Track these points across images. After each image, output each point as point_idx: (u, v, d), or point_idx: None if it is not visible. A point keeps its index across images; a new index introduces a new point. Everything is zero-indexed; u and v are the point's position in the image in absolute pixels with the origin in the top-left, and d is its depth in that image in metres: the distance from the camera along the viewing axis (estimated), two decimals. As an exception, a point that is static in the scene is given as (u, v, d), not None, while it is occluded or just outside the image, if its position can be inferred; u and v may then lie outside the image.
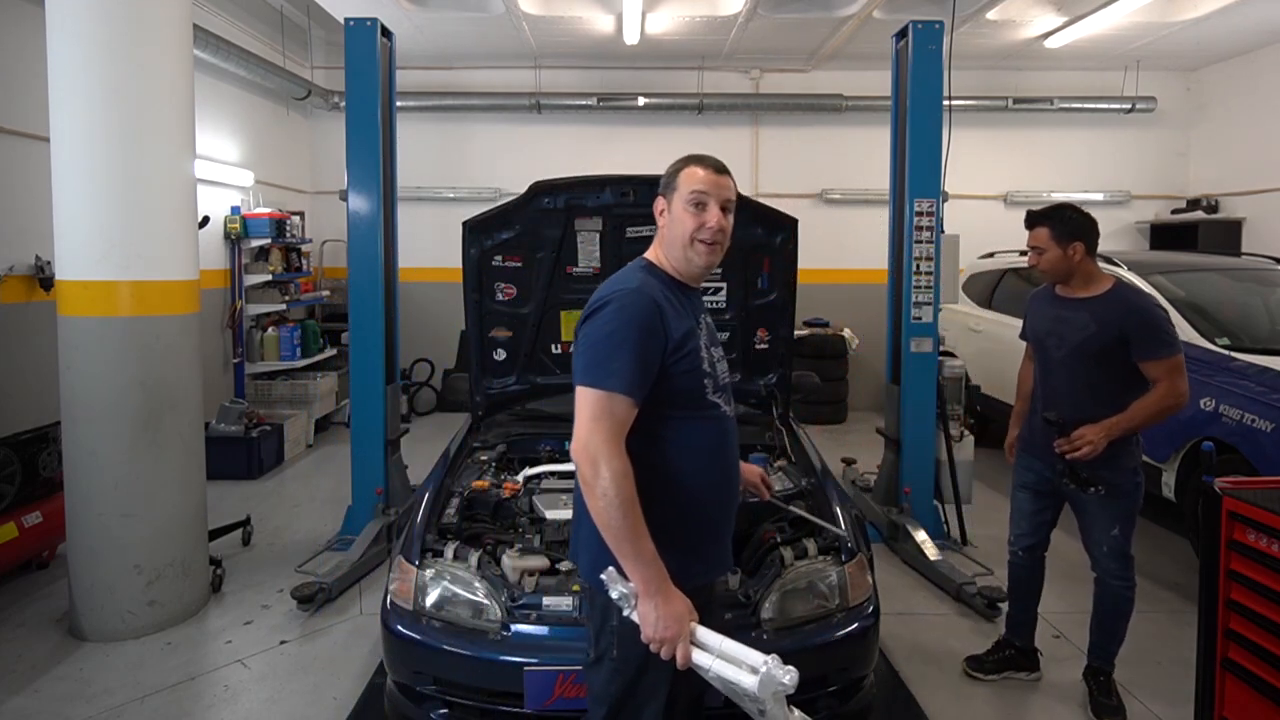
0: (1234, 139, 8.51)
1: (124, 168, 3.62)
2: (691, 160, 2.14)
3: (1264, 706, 2.24)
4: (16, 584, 4.26)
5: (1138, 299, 2.98)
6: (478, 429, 3.89)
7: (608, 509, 1.71)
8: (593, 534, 1.79)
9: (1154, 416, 2.87)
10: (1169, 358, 2.83)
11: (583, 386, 1.80)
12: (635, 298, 1.84)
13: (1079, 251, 2.97)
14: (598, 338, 1.82)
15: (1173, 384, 2.83)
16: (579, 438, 1.77)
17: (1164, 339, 2.85)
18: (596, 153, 8.63)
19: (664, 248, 2.03)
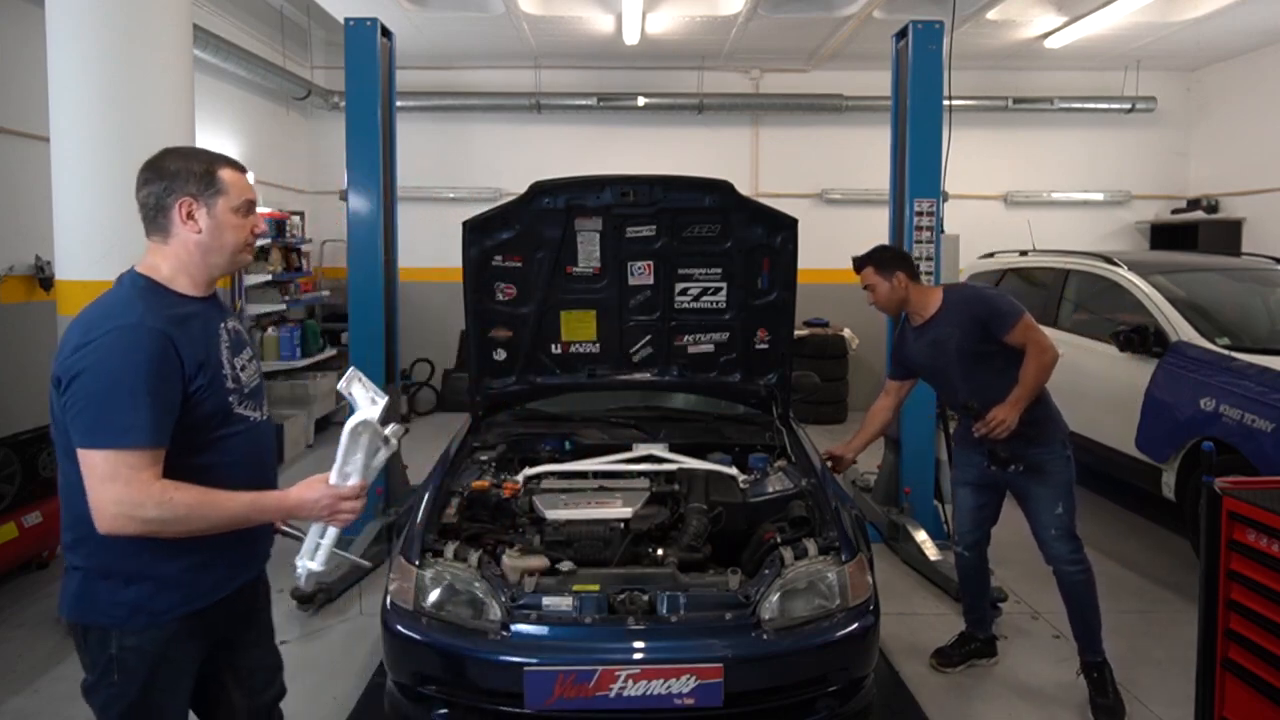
0: (1234, 139, 8.51)
1: (124, 168, 3.58)
2: (226, 162, 1.97)
3: (1264, 706, 2.24)
4: (16, 584, 4.26)
5: (970, 291, 3.37)
6: (478, 429, 3.89)
7: (192, 529, 1.69)
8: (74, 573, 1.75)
9: (1039, 375, 3.05)
10: (1017, 321, 3.05)
11: (92, 450, 1.62)
12: (141, 335, 1.65)
13: (903, 280, 3.27)
14: (98, 389, 1.62)
15: (1034, 341, 3.05)
16: (102, 510, 1.63)
17: (1006, 309, 3.10)
18: (596, 153, 8.63)
19: (191, 255, 1.83)
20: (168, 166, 1.93)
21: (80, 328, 1.70)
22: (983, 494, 3.46)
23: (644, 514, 2.96)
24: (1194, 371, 4.42)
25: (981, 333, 3.11)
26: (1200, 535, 2.45)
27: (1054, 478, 3.15)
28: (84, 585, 1.76)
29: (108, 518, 1.65)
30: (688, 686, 2.34)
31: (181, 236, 1.84)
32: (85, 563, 1.77)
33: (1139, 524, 5.30)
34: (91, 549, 1.74)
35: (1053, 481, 3.15)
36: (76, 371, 1.64)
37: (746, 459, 3.53)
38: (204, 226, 1.84)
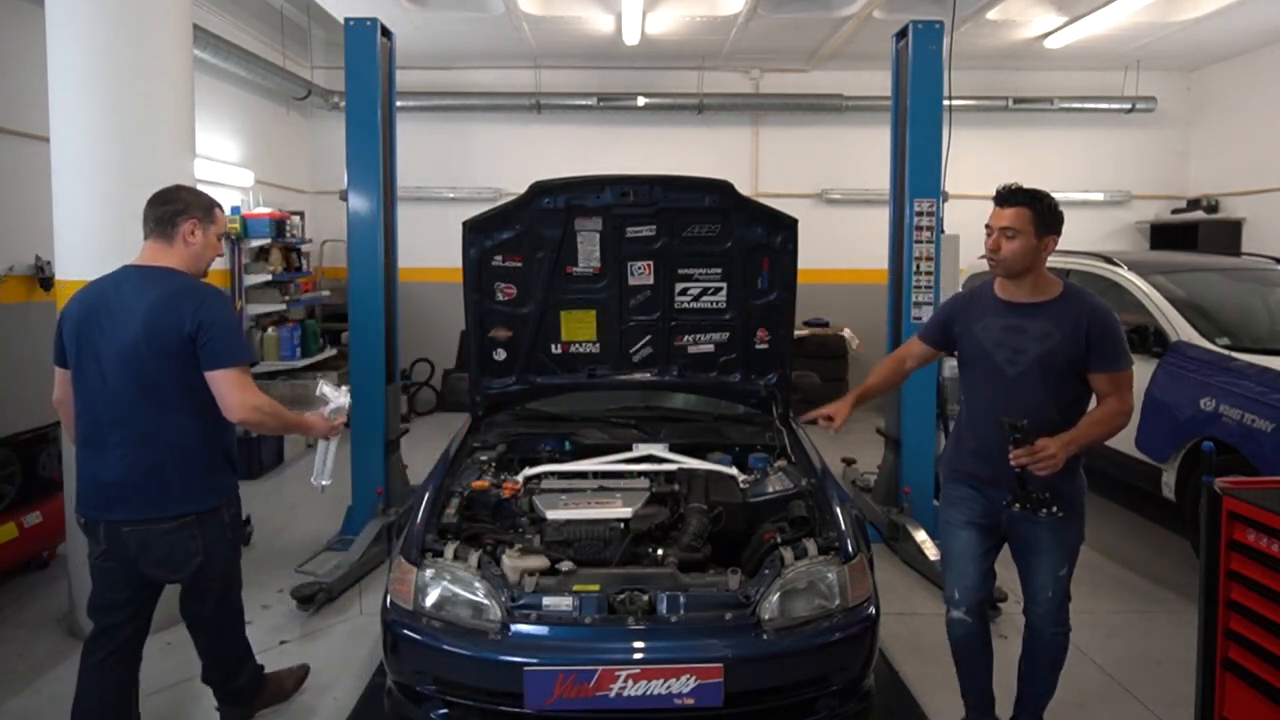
0: (1234, 139, 8.51)
1: (124, 168, 3.62)
2: (218, 205, 2.87)
3: (1264, 707, 2.24)
4: (16, 584, 4.26)
5: (1097, 301, 2.70)
6: (478, 429, 3.89)
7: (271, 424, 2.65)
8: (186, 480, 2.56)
9: (1103, 435, 2.60)
10: (1125, 369, 2.59)
11: (230, 368, 2.52)
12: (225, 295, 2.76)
13: (1050, 247, 2.72)
14: (227, 329, 2.57)
15: (1123, 399, 2.59)
16: (239, 406, 2.51)
17: (1124, 349, 2.62)
18: (596, 153, 8.63)
19: (185, 259, 2.73)
20: (183, 196, 2.73)
21: (185, 293, 2.59)
22: (988, 538, 2.90)
23: (644, 514, 2.96)
24: (1194, 371, 4.42)
25: (1085, 353, 2.59)
26: (1200, 535, 2.45)
27: (1069, 536, 2.73)
28: (205, 481, 2.61)
29: (243, 409, 2.53)
30: (688, 686, 2.35)
31: (181, 245, 2.70)
32: (201, 466, 2.60)
33: (1139, 524, 5.30)
34: (205, 455, 2.60)
35: (1067, 540, 2.74)
36: (211, 320, 2.52)
37: (746, 459, 3.53)
38: (199, 242, 2.74)
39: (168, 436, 2.52)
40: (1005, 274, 2.74)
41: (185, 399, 2.53)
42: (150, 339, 2.47)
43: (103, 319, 2.54)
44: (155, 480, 2.52)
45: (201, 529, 2.58)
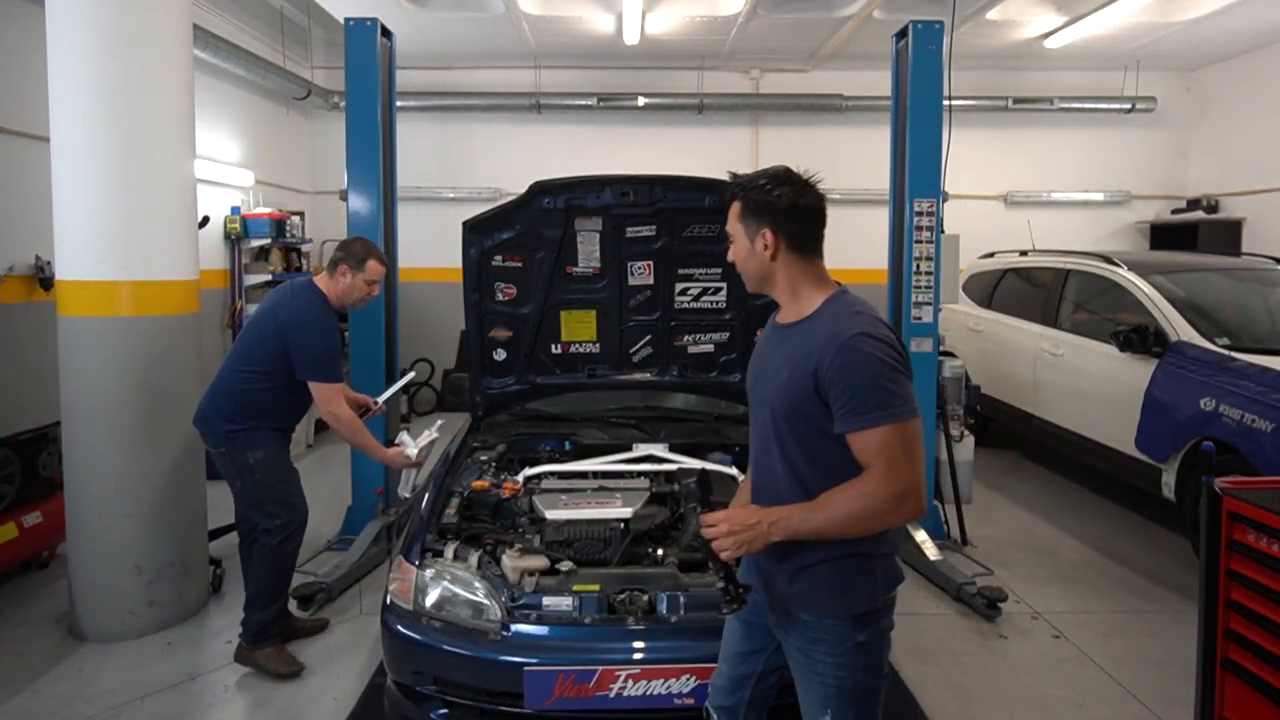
0: (1234, 139, 8.51)
1: (124, 168, 3.62)
2: (376, 255, 3.49)
3: (1264, 707, 2.24)
4: (16, 584, 4.26)
5: (847, 324, 1.75)
6: (478, 429, 3.90)
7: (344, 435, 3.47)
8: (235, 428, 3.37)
9: (844, 519, 1.71)
10: (877, 425, 1.67)
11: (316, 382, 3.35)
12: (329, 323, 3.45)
13: (769, 244, 1.84)
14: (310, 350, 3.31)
15: (881, 477, 1.68)
16: (325, 410, 3.35)
17: (872, 396, 1.68)
18: (596, 153, 8.62)
19: (336, 295, 3.46)
20: (350, 246, 3.51)
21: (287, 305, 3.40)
22: (752, 638, 2.02)
23: (644, 514, 2.96)
24: (1194, 371, 4.42)
25: (816, 401, 1.75)
26: (1200, 535, 2.45)
27: (823, 669, 1.82)
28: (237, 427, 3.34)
29: (323, 413, 3.36)
30: (687, 686, 2.35)
31: (334, 280, 3.46)
32: (237, 416, 3.34)
33: (1139, 524, 5.30)
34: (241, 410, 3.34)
35: (821, 672, 1.83)
36: (297, 344, 3.31)
37: (746, 459, 3.53)
38: (348, 282, 3.46)
39: (223, 386, 3.38)
40: (751, 289, 2.00)
41: (249, 366, 3.34)
42: (252, 322, 3.47)
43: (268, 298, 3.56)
44: (208, 417, 3.39)
45: (231, 460, 3.36)
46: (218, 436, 3.36)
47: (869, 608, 1.81)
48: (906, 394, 1.71)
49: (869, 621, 1.82)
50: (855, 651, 1.81)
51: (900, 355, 1.74)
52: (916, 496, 1.70)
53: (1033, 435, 6.09)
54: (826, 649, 1.82)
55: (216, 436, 3.37)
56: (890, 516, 1.72)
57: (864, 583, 1.81)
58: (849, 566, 1.80)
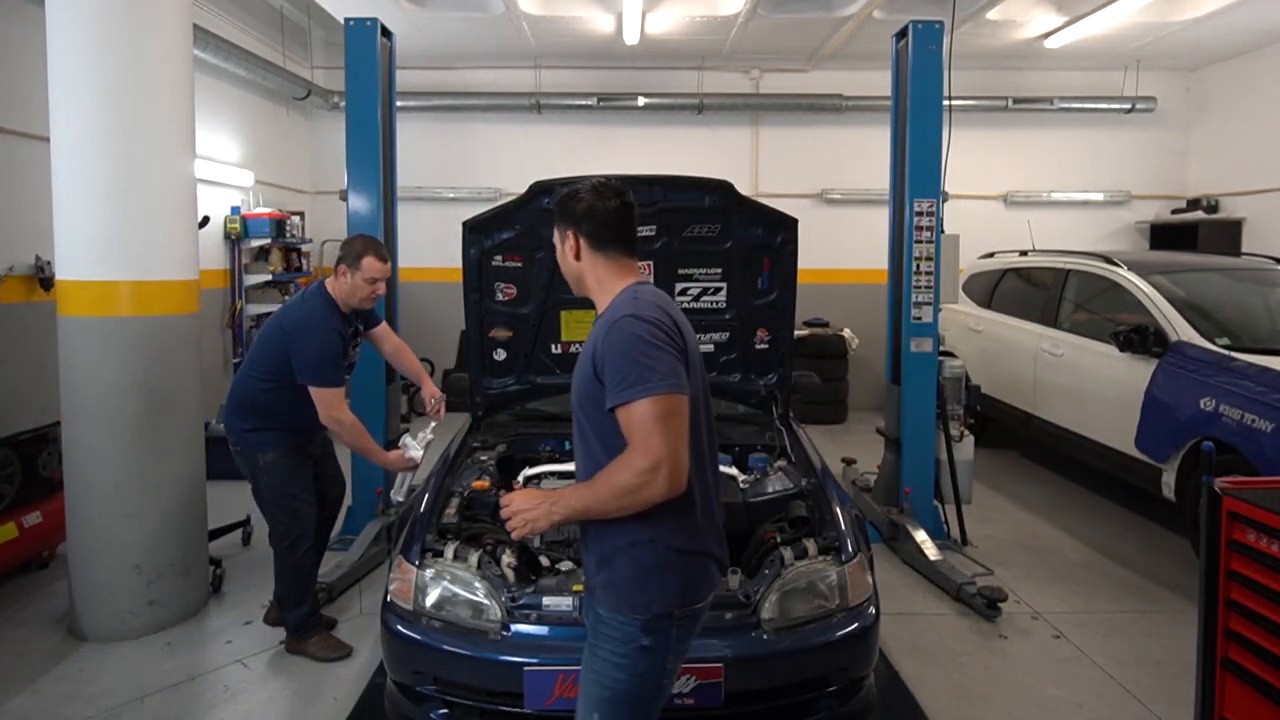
0: (1234, 139, 8.51)
1: (124, 168, 3.62)
2: (373, 252, 3.37)
3: (1264, 707, 2.24)
4: (16, 584, 4.26)
5: (623, 310, 1.83)
6: (478, 429, 3.90)
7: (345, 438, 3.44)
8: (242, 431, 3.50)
9: (608, 494, 1.73)
10: (635, 399, 1.70)
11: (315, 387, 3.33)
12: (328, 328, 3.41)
13: (573, 246, 1.98)
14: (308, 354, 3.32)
15: (640, 444, 1.70)
16: (325, 415, 3.35)
17: (628, 374, 1.72)
18: (596, 153, 8.63)
19: (341, 294, 3.42)
20: (351, 243, 3.44)
21: (293, 310, 3.44)
22: None
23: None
24: (1194, 371, 4.42)
25: (594, 375, 1.81)
26: (1200, 535, 2.44)
27: (600, 670, 1.82)
28: (246, 427, 3.44)
29: (323, 418, 3.35)
30: (687, 686, 2.35)
31: (338, 282, 3.42)
32: (247, 416, 3.44)
33: (1139, 524, 5.30)
34: (251, 411, 3.42)
35: (597, 674, 1.83)
36: (295, 348, 3.32)
37: (746, 459, 3.53)
38: (349, 282, 3.39)
39: (238, 386, 3.50)
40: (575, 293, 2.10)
41: (257, 368, 3.42)
42: (266, 324, 3.57)
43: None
44: (229, 415, 3.51)
45: (246, 460, 3.47)
46: (236, 435, 3.47)
47: (661, 611, 1.79)
48: (666, 370, 1.73)
49: (660, 627, 1.79)
50: (638, 655, 1.79)
51: (667, 335, 1.79)
52: (670, 469, 1.69)
53: (1033, 435, 6.09)
54: (610, 646, 1.82)
55: (235, 435, 3.47)
56: (646, 490, 1.69)
57: (662, 583, 1.80)
58: (646, 563, 1.79)
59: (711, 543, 1.90)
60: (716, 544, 1.92)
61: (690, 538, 1.84)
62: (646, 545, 1.79)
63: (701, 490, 1.86)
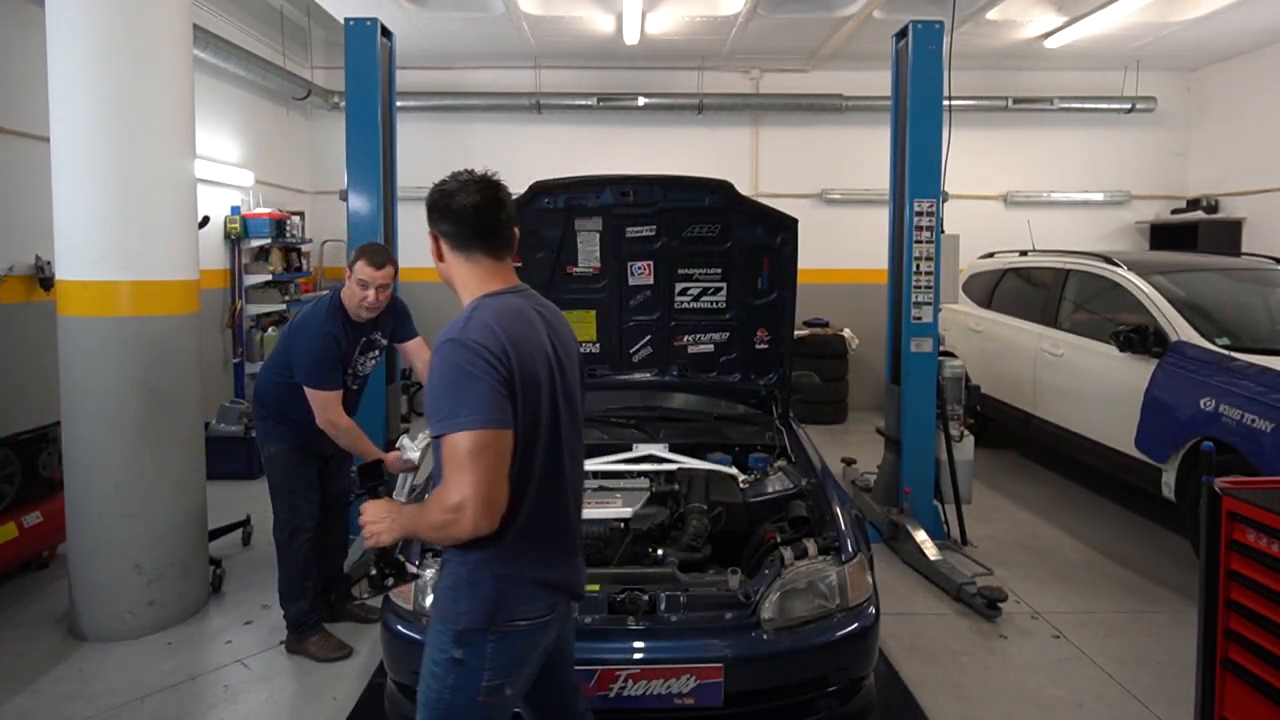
0: (1234, 139, 8.51)
1: (124, 168, 3.62)
2: (364, 256, 3.32)
3: (1264, 706, 2.24)
4: (16, 584, 4.26)
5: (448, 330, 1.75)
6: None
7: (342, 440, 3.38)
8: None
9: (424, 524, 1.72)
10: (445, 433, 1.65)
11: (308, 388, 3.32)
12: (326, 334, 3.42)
13: (435, 245, 1.91)
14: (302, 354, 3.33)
15: (447, 481, 1.65)
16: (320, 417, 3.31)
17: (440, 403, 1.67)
18: (596, 153, 8.62)
19: (346, 297, 3.38)
20: (356, 249, 3.43)
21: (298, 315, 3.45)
22: None
23: (644, 514, 2.96)
24: (1194, 371, 4.42)
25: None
26: (1200, 535, 2.45)
27: (423, 675, 1.84)
28: (260, 421, 3.55)
29: (319, 420, 3.29)
30: (688, 686, 2.35)
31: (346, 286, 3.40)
32: (261, 411, 3.52)
33: (1139, 524, 5.30)
34: (264, 406, 3.52)
35: (421, 678, 1.85)
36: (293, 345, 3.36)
37: (746, 459, 3.53)
38: (348, 289, 3.36)
39: (259, 380, 3.63)
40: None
41: (272, 364, 3.54)
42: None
43: None
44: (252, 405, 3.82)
45: (259, 451, 3.61)
46: (255, 424, 3.65)
47: (471, 625, 1.74)
48: (479, 403, 1.62)
49: (472, 641, 1.74)
50: (449, 666, 1.76)
51: (489, 363, 1.65)
52: (476, 510, 1.60)
53: (1033, 435, 6.09)
54: (430, 652, 1.81)
55: (255, 424, 3.65)
56: (452, 528, 1.63)
57: (475, 597, 1.74)
58: (458, 573, 1.77)
59: (545, 569, 1.81)
60: (556, 569, 1.83)
61: (512, 564, 1.76)
62: (466, 561, 1.76)
63: (542, 517, 1.78)
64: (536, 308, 1.90)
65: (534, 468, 1.76)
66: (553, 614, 1.83)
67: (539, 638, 1.81)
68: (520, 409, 1.70)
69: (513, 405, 1.68)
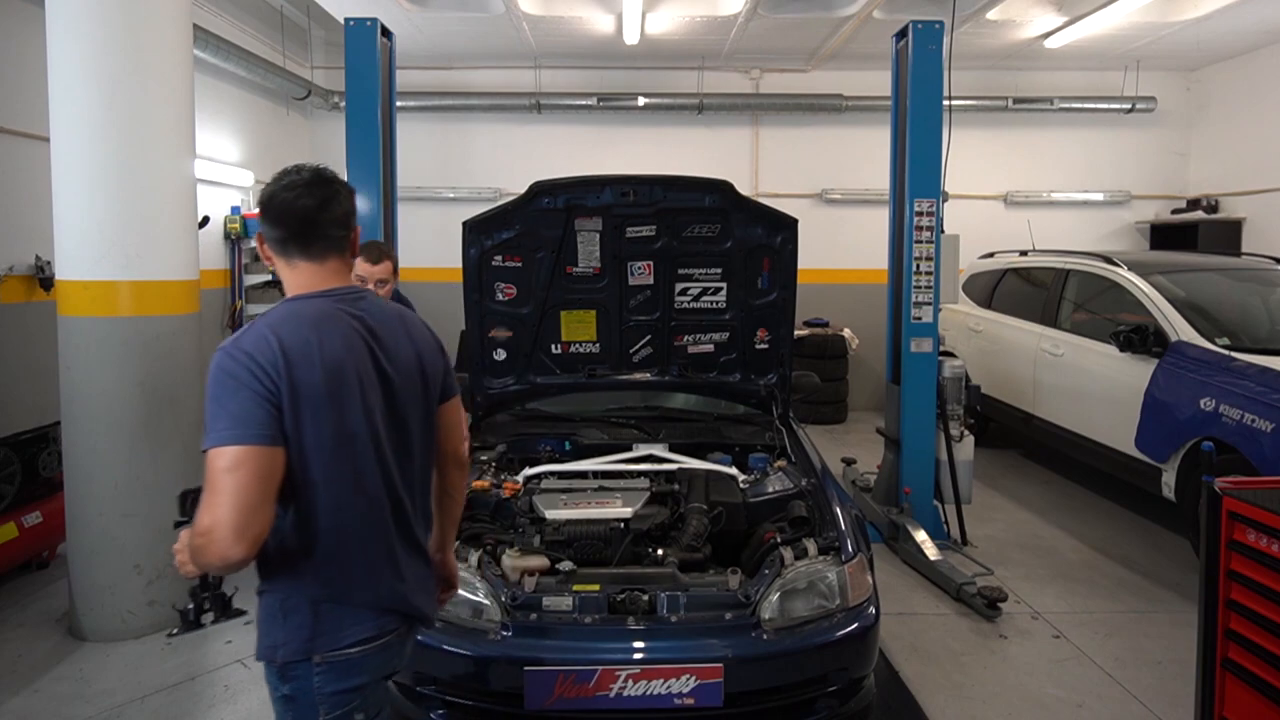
0: (1234, 139, 8.51)
1: (124, 168, 3.62)
2: (362, 250, 3.14)
3: (1264, 706, 2.24)
4: (16, 584, 4.26)
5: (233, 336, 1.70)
6: (477, 429, 3.90)
7: None
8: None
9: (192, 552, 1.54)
10: (205, 448, 1.52)
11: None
12: None
13: (260, 246, 1.87)
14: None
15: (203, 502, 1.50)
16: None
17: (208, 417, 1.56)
18: (596, 153, 8.63)
19: None
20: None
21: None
22: None
23: (644, 514, 2.96)
24: (1194, 371, 4.41)
25: None
26: (1200, 535, 2.45)
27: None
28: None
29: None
30: (688, 686, 2.35)
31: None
32: None
33: (1139, 524, 5.30)
34: None
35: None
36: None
37: (746, 459, 3.53)
38: None
39: None
40: None
41: None
42: None
43: None
44: None
45: None
46: None
47: (290, 658, 1.61)
48: (236, 416, 1.50)
49: (296, 674, 1.62)
50: (281, 705, 1.65)
51: (253, 374, 1.53)
52: (222, 537, 1.44)
53: (1033, 435, 6.09)
54: (267, 691, 1.69)
55: None
56: (202, 554, 1.48)
57: (290, 627, 1.62)
58: (270, 604, 1.65)
59: (364, 590, 1.67)
60: (379, 589, 1.68)
61: (327, 587, 1.64)
62: (276, 589, 1.64)
63: (354, 535, 1.65)
64: (356, 314, 1.71)
65: (334, 483, 1.61)
66: (389, 635, 1.70)
67: (373, 662, 1.68)
68: (306, 422, 1.56)
69: (285, 419, 1.54)
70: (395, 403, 1.73)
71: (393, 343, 1.74)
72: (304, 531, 1.61)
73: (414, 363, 1.77)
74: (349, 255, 1.78)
